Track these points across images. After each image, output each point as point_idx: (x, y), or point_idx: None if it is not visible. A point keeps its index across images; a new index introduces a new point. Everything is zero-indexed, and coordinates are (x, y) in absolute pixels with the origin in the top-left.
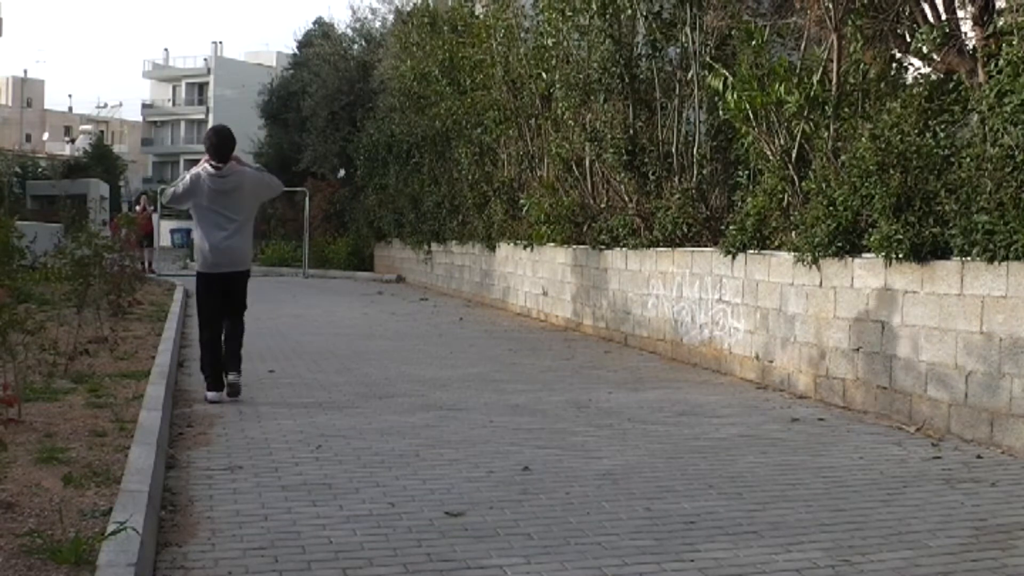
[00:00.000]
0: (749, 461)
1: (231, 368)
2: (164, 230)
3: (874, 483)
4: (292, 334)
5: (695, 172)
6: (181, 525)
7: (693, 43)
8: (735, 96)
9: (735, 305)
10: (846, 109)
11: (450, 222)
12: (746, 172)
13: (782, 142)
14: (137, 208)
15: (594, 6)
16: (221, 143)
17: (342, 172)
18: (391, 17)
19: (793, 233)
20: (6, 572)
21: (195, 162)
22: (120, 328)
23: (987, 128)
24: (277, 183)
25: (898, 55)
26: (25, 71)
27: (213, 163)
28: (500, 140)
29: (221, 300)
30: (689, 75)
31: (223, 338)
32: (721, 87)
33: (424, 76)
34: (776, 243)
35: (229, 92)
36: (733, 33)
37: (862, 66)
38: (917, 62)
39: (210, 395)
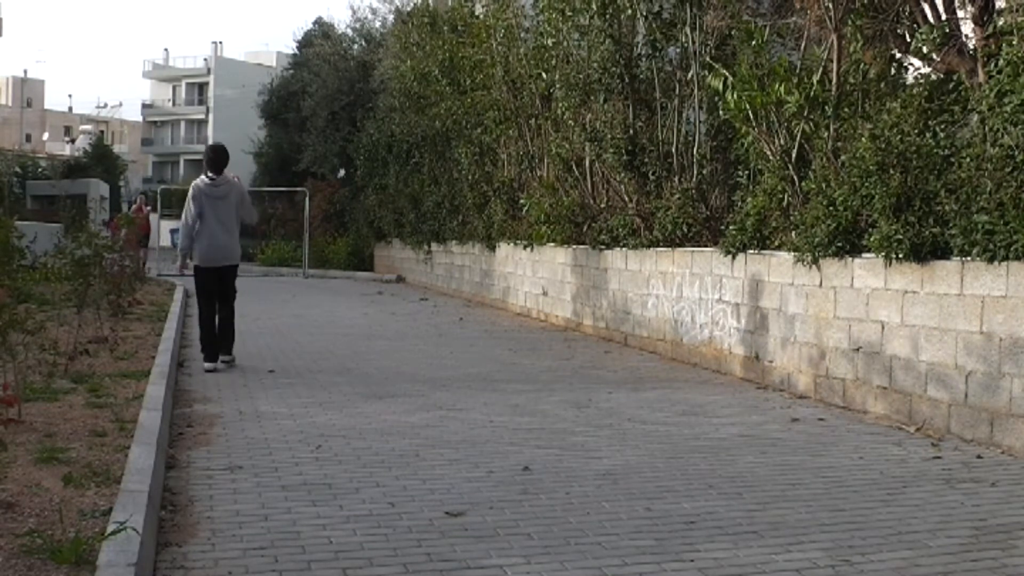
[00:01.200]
0: (749, 461)
1: (224, 351)
2: (164, 230)
3: (874, 483)
4: (292, 334)
5: (695, 172)
6: (181, 525)
7: (693, 43)
8: (735, 96)
9: (735, 305)
10: (846, 109)
11: (450, 222)
12: (746, 172)
13: (782, 142)
14: (133, 208)
15: (594, 6)
16: (217, 157)
17: (342, 172)
18: (391, 17)
19: (793, 233)
20: (6, 572)
21: (195, 162)
22: (120, 328)
23: (987, 128)
24: (253, 212)
25: (898, 55)
26: (25, 71)
27: (209, 175)
28: (500, 140)
29: (215, 288)
30: (689, 75)
31: (217, 326)
32: (721, 87)
33: (424, 76)
34: (776, 243)
35: (229, 92)
36: (733, 33)
37: (862, 66)
38: (917, 62)
39: (206, 365)
